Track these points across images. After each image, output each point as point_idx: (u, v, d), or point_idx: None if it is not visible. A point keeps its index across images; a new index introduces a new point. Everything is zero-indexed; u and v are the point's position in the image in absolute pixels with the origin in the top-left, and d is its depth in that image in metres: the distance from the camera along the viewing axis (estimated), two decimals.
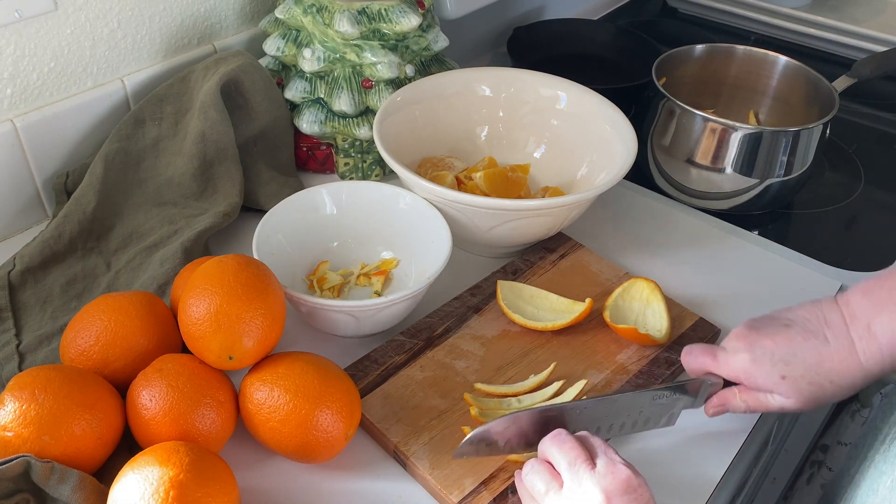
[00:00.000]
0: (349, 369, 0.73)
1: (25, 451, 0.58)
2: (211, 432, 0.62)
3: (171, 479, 0.54)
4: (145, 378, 0.63)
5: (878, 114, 1.28)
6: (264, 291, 0.64)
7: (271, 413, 0.62)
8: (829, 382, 0.63)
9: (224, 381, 0.65)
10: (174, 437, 0.61)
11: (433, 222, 0.80)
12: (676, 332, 0.78)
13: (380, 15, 0.92)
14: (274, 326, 0.64)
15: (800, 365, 0.63)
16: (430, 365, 0.74)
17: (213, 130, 0.89)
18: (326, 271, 0.82)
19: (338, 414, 0.63)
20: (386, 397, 0.71)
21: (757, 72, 1.06)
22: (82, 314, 0.68)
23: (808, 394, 0.63)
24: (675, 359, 0.75)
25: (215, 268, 0.64)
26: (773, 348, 0.64)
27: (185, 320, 0.63)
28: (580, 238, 0.91)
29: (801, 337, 0.64)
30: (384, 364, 0.74)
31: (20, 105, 0.86)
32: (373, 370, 0.73)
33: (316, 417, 0.62)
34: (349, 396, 0.64)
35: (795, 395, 0.64)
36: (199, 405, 0.62)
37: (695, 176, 0.97)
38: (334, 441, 0.63)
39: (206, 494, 0.55)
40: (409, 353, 0.75)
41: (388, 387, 0.72)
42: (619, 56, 1.31)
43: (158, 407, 0.61)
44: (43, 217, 0.92)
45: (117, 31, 0.91)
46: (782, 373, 0.63)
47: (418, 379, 0.72)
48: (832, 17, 1.42)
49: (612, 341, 0.77)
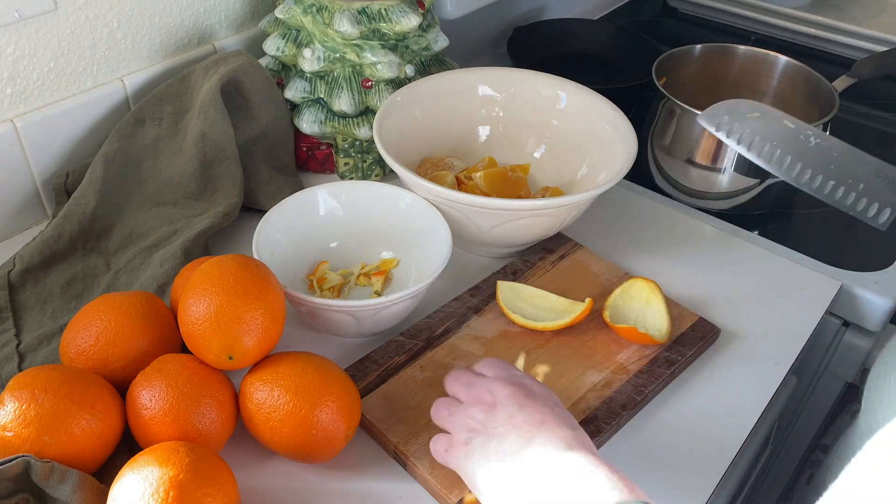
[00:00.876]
0: (349, 370, 0.73)
1: (25, 452, 0.58)
2: (211, 432, 0.62)
3: (170, 479, 0.54)
4: (145, 378, 0.63)
5: (878, 114, 1.28)
6: (264, 291, 0.64)
7: (271, 413, 0.62)
8: None
9: (224, 381, 0.65)
10: (174, 437, 0.60)
11: (433, 222, 0.80)
12: (676, 332, 0.78)
13: (380, 15, 0.92)
14: (273, 326, 0.64)
15: None
16: (430, 365, 0.74)
17: (212, 130, 0.89)
18: (326, 271, 0.82)
19: (338, 413, 0.63)
20: (386, 398, 0.71)
21: (757, 72, 1.06)
22: (82, 314, 0.68)
23: None
24: (676, 358, 0.75)
25: (215, 268, 0.64)
26: None
27: (185, 320, 0.63)
28: (580, 238, 0.91)
29: None
30: (384, 364, 0.74)
31: (20, 105, 0.86)
32: (372, 370, 0.73)
33: (316, 417, 0.62)
34: (349, 396, 0.64)
35: None
36: (199, 405, 0.62)
37: (695, 176, 0.97)
38: (334, 440, 0.63)
39: (205, 494, 0.55)
40: (408, 354, 0.75)
41: (388, 387, 0.72)
42: (619, 56, 1.31)
43: (158, 407, 0.61)
44: (43, 217, 0.92)
45: (117, 31, 0.91)
46: None
47: (418, 379, 0.72)
48: (832, 16, 1.42)
49: (611, 341, 0.77)
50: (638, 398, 0.71)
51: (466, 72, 0.98)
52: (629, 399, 0.71)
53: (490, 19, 1.30)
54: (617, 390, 0.72)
